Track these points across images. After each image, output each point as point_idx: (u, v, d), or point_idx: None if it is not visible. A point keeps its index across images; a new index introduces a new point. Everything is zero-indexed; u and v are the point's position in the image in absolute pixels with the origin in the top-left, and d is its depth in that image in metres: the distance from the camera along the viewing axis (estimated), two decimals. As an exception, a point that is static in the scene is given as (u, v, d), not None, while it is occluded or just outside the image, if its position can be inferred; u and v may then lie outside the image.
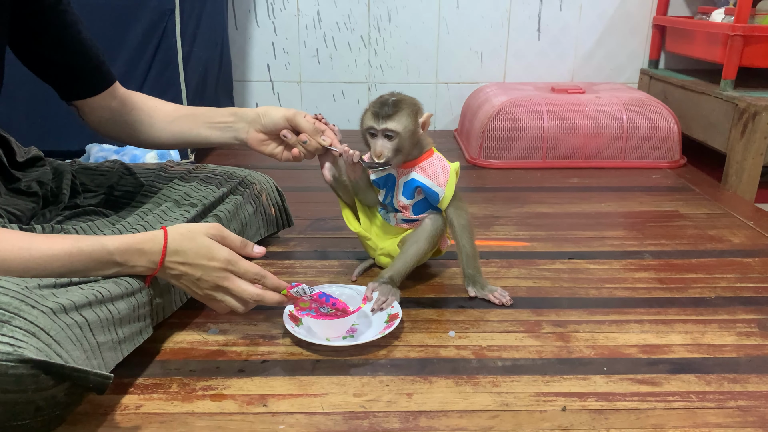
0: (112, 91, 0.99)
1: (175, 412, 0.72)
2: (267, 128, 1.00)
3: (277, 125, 0.99)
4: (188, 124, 1.02)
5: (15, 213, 0.89)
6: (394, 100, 0.94)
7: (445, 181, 0.97)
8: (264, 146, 1.02)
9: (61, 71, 0.94)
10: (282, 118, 0.99)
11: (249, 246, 0.84)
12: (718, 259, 1.15)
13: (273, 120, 0.99)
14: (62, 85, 0.96)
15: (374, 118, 0.94)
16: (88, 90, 0.97)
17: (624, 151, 1.74)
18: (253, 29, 2.08)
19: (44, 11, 0.88)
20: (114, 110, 1.00)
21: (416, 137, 0.96)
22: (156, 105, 1.03)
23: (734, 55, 1.63)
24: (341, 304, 0.85)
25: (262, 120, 1.00)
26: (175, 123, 1.02)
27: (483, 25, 2.09)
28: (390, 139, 0.94)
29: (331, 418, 0.72)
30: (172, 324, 0.90)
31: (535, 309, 0.97)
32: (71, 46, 0.92)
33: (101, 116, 1.00)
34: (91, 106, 0.98)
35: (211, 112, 1.03)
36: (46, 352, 0.61)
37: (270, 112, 1.00)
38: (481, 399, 0.75)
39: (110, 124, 1.01)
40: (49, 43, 0.91)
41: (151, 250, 0.77)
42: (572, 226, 1.32)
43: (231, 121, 1.01)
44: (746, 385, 0.79)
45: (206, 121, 1.02)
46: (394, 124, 0.93)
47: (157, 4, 1.50)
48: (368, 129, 0.95)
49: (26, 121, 1.51)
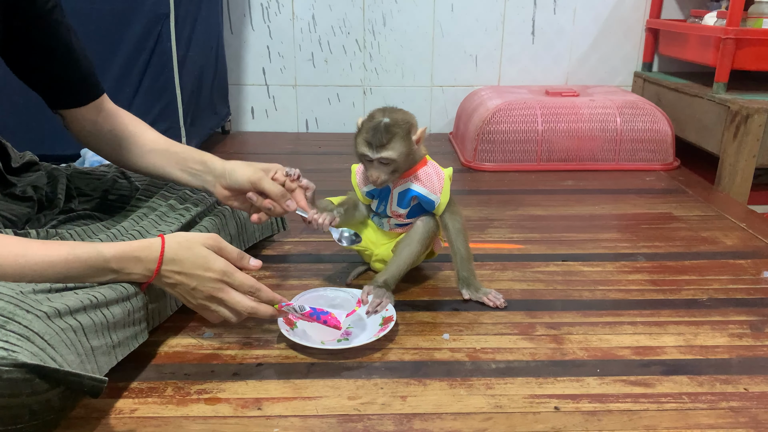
0: (98, 104, 0.97)
1: (169, 415, 0.73)
2: (232, 187, 0.95)
3: (242, 186, 0.94)
4: (162, 160, 0.99)
5: (10, 218, 0.89)
6: (386, 124, 0.91)
7: (440, 188, 0.98)
8: (230, 201, 0.98)
9: (48, 80, 0.93)
10: (246, 182, 0.93)
11: (245, 258, 0.84)
12: (710, 261, 1.16)
13: (238, 181, 0.94)
14: (48, 94, 0.95)
15: (368, 146, 0.92)
16: (73, 100, 0.95)
17: (618, 153, 1.75)
18: (249, 33, 2.09)
19: (36, 20, 0.87)
20: (98, 124, 0.98)
21: (412, 155, 0.95)
22: (137, 131, 1.00)
23: (727, 58, 1.65)
24: (333, 320, 0.85)
25: (228, 178, 0.95)
26: (151, 155, 0.99)
27: (478, 28, 2.10)
28: (386, 165, 0.93)
29: (325, 421, 0.72)
30: (166, 328, 0.90)
31: (528, 311, 0.97)
32: (60, 57, 0.91)
33: (84, 128, 0.98)
34: (75, 117, 0.96)
35: (186, 153, 0.99)
36: (40, 356, 0.61)
37: (236, 171, 0.95)
38: (475, 401, 0.76)
39: (91, 137, 0.99)
40: (38, 51, 0.90)
41: (148, 258, 0.77)
42: (566, 228, 1.32)
43: (200, 170, 0.98)
44: (738, 386, 0.79)
45: (179, 161, 0.99)
46: (389, 152, 0.91)
47: (152, 8, 1.51)
48: (362, 156, 0.94)
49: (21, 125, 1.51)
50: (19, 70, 0.92)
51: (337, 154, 1.86)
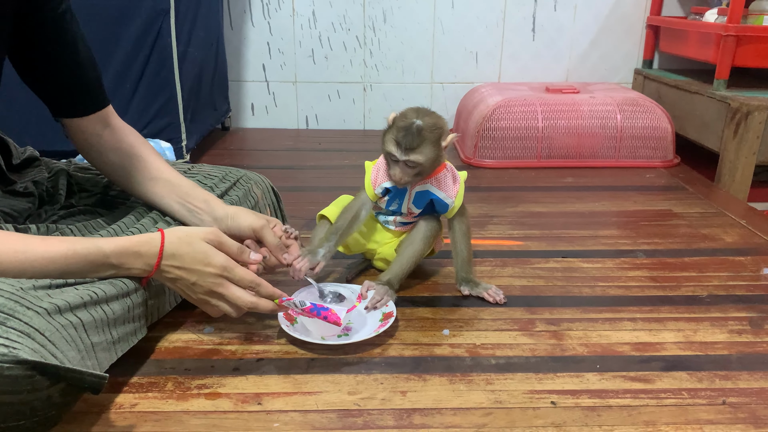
0: (102, 117, 0.94)
1: (170, 410, 0.73)
2: (231, 231, 0.92)
3: (242, 233, 0.93)
4: (163, 190, 0.96)
5: (10, 213, 0.89)
6: (418, 127, 0.88)
7: (456, 192, 0.98)
8: None
9: (49, 85, 0.91)
10: (248, 228, 0.93)
11: (246, 252, 0.84)
12: (710, 258, 1.16)
13: (239, 227, 0.93)
14: (51, 100, 0.92)
15: (397, 147, 0.90)
16: (75, 109, 0.92)
17: (618, 150, 1.75)
18: (249, 29, 2.08)
19: (45, 25, 0.85)
20: (102, 140, 0.94)
21: (438, 160, 0.93)
22: (143, 155, 0.96)
23: (727, 55, 1.64)
24: (333, 316, 0.85)
25: (228, 222, 0.93)
26: (153, 183, 0.95)
27: (478, 25, 2.09)
28: (411, 168, 0.91)
29: (325, 416, 0.72)
30: (167, 323, 0.90)
31: (528, 307, 0.97)
32: (66, 63, 0.89)
33: (85, 140, 0.94)
34: (77, 127, 0.93)
35: (189, 189, 0.96)
36: (41, 353, 0.61)
37: (239, 217, 0.93)
38: (475, 397, 0.76)
39: (93, 151, 0.95)
40: (44, 57, 0.88)
41: (148, 253, 0.77)
42: (566, 225, 1.32)
43: (200, 209, 0.95)
44: (737, 382, 0.79)
45: (180, 195, 0.95)
46: (417, 156, 0.90)
47: (152, 4, 1.50)
48: (389, 155, 0.92)
49: (22, 121, 1.51)
50: (23, 73, 0.90)
51: (337, 150, 1.86)
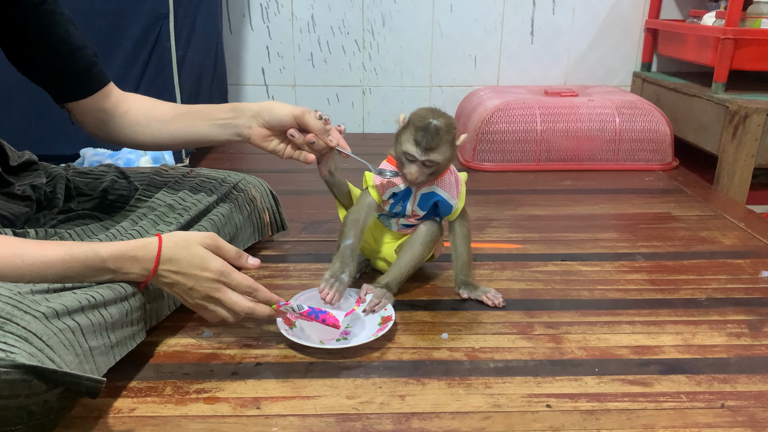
0: (105, 93, 0.95)
1: (168, 415, 0.73)
2: (271, 124, 0.95)
3: (283, 123, 0.94)
4: (186, 122, 0.97)
5: (8, 217, 0.89)
6: (437, 126, 0.88)
7: (458, 193, 0.98)
8: (267, 143, 0.97)
9: (51, 73, 0.91)
10: (289, 116, 0.93)
11: (243, 257, 0.84)
12: (709, 261, 1.16)
13: (279, 117, 0.94)
14: (53, 87, 0.93)
15: (415, 146, 0.89)
16: (79, 92, 0.94)
17: (617, 153, 1.75)
18: (248, 33, 2.09)
19: (28, 12, 0.86)
20: (108, 112, 0.96)
21: (452, 160, 0.93)
22: (153, 105, 0.99)
23: (725, 58, 1.65)
24: (331, 319, 0.85)
25: (266, 116, 0.95)
26: (173, 122, 0.98)
27: (477, 28, 2.10)
28: (428, 167, 0.91)
29: (324, 420, 0.72)
30: (165, 327, 0.90)
31: (527, 311, 0.97)
32: (59, 47, 0.89)
33: (96, 118, 0.96)
34: (83, 109, 0.95)
35: (210, 108, 0.99)
36: (38, 357, 0.61)
37: (276, 108, 0.95)
38: (474, 400, 0.76)
39: (105, 126, 0.97)
40: (35, 44, 0.88)
41: (145, 258, 0.77)
42: (565, 228, 1.32)
43: (231, 117, 0.96)
44: (736, 385, 0.79)
45: (205, 118, 0.97)
46: (436, 155, 0.89)
47: (152, 8, 1.51)
48: (406, 154, 0.90)
49: (20, 125, 1.51)
50: (21, 65, 0.91)
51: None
